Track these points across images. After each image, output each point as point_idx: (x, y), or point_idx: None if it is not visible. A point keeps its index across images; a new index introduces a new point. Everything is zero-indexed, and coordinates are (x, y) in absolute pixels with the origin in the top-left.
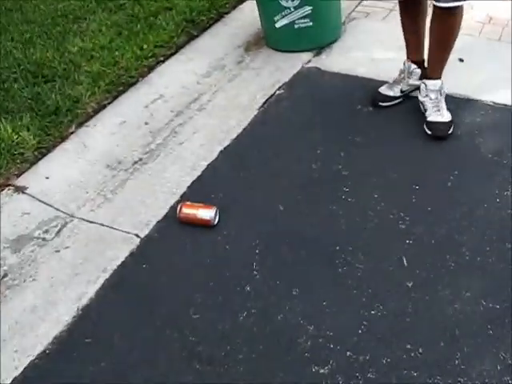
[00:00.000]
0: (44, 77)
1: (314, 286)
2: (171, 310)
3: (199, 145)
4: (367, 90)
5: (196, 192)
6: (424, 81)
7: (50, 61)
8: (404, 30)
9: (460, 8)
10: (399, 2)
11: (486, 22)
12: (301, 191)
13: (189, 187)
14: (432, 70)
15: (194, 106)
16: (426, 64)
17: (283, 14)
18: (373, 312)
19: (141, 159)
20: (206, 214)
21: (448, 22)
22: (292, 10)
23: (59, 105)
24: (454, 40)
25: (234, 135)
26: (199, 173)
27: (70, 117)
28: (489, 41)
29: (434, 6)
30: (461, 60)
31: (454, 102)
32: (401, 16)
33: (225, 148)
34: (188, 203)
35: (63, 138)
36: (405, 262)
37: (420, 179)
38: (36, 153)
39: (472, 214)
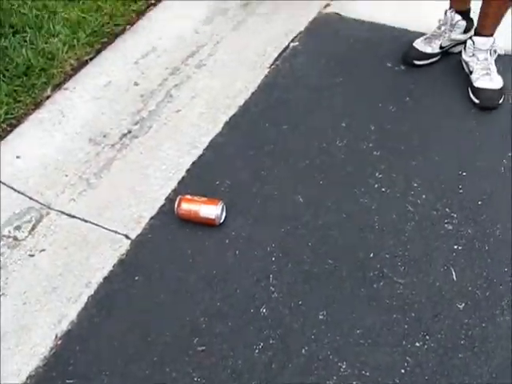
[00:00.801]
0: (12, 27)
1: (345, 308)
2: (171, 339)
3: (199, 113)
4: (399, 44)
5: (197, 177)
6: (472, 37)
7: (20, 6)
8: None
9: None
10: None
11: None
12: (323, 177)
13: (188, 171)
14: (483, 25)
15: (192, 62)
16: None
17: None
18: (417, 344)
19: (130, 131)
20: (211, 211)
21: None
22: None
23: (31, 63)
24: None
25: (242, 101)
26: (200, 151)
27: (44, 78)
28: None
29: None
30: None
31: (504, 62)
32: None
33: (230, 118)
34: (188, 197)
35: (36, 105)
36: (454, 275)
37: (467, 162)
38: (4, 125)
39: None
